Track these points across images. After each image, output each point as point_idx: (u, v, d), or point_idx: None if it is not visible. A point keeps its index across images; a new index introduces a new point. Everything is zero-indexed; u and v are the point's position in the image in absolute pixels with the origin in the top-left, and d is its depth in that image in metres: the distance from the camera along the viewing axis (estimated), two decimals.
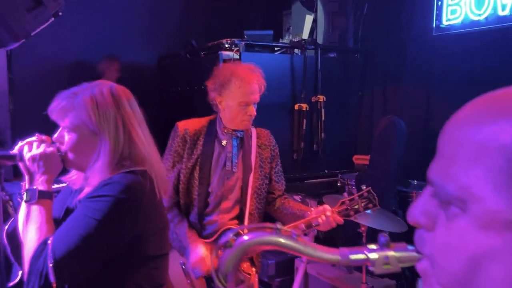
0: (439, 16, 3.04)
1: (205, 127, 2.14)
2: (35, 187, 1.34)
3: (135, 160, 1.36)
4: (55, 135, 1.42)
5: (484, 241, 0.46)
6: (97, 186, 1.30)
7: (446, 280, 0.50)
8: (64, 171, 1.52)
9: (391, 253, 0.61)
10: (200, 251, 2.02)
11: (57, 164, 1.39)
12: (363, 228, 2.48)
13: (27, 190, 1.34)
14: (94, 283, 1.33)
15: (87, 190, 1.34)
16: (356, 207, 2.00)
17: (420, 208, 0.53)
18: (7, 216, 3.02)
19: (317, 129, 3.52)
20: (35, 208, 1.32)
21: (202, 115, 2.38)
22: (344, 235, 3.35)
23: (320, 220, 1.97)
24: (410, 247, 0.60)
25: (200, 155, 2.10)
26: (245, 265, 2.14)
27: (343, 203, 2.02)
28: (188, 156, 2.09)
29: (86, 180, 1.37)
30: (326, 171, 3.66)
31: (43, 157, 1.35)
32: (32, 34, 3.06)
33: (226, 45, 3.31)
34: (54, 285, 1.20)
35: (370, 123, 3.74)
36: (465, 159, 0.47)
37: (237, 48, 3.26)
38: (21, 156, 1.36)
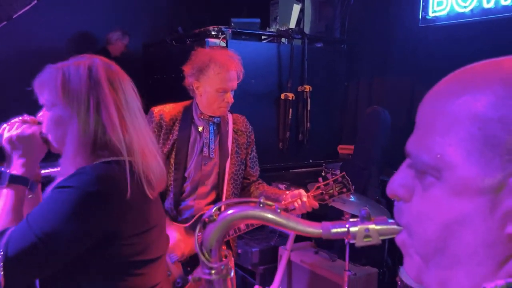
0: (425, 8, 3.06)
1: (181, 112, 2.12)
2: (8, 171, 1.23)
3: (115, 150, 1.19)
4: (40, 114, 1.29)
5: (457, 207, 0.48)
6: (68, 175, 1.15)
7: (422, 248, 0.52)
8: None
9: (371, 226, 0.62)
10: (174, 234, 2.02)
11: (38, 147, 1.27)
12: (346, 216, 2.50)
13: (1, 173, 1.23)
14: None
15: (58, 179, 1.20)
16: (330, 191, 2.04)
17: (398, 180, 0.55)
18: None
19: (302, 119, 3.53)
20: (3, 192, 1.22)
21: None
22: None
23: (296, 204, 2.00)
24: (390, 220, 0.61)
25: (176, 140, 2.09)
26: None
27: (318, 187, 2.06)
28: (163, 142, 2.07)
29: (60, 168, 1.22)
30: (310, 161, 3.68)
31: (20, 138, 1.25)
32: (14, 16, 2.99)
33: (213, 33, 3.28)
34: (2, 279, 1.07)
35: (355, 114, 3.76)
36: (439, 129, 0.49)
37: (224, 35, 3.24)
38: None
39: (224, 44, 3.20)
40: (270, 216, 0.70)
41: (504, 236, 0.46)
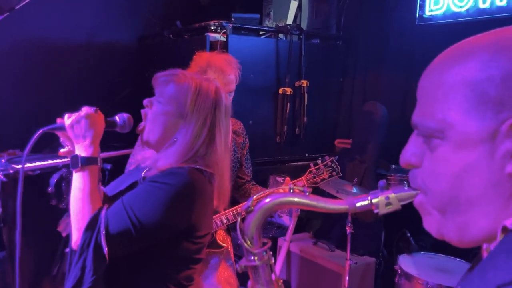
0: (422, 7, 3.15)
1: None
2: (78, 154, 1.34)
3: (208, 162, 1.38)
4: (146, 100, 1.44)
5: (462, 158, 0.56)
6: (164, 171, 1.32)
7: (438, 201, 0.60)
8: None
9: (391, 194, 0.70)
10: None
11: (101, 127, 1.39)
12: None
13: (71, 158, 1.35)
14: (132, 270, 1.37)
15: (153, 172, 1.37)
16: (321, 175, 2.30)
17: (409, 150, 0.64)
18: None
19: (299, 113, 3.60)
20: (79, 175, 1.33)
21: None
22: (328, 215, 3.46)
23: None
24: (406, 187, 0.68)
25: None
26: (221, 236, 2.24)
27: (310, 171, 2.31)
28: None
29: (156, 162, 1.39)
30: (307, 154, 3.75)
31: (83, 117, 1.35)
32: (16, 8, 2.98)
33: (213, 27, 3.31)
34: (106, 253, 1.23)
35: (350, 109, 3.85)
36: (439, 98, 0.59)
37: (224, 30, 3.27)
38: (62, 125, 1.37)
39: (224, 39, 3.23)
40: (301, 199, 0.78)
41: (505, 175, 0.54)
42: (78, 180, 1.33)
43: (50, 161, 2.91)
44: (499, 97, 0.54)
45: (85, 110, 1.38)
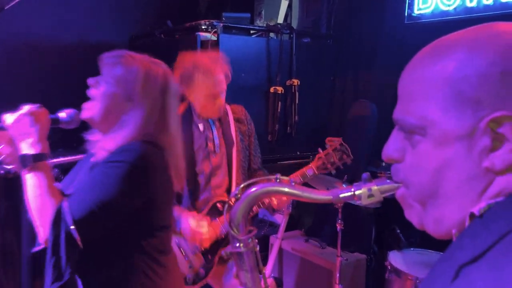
0: (411, 5, 3.19)
1: (180, 116, 2.19)
2: (26, 153, 1.33)
3: (161, 143, 1.41)
4: (91, 79, 1.43)
5: (442, 154, 0.59)
6: (115, 151, 1.34)
7: (419, 194, 0.63)
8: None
9: (373, 186, 0.72)
10: (192, 224, 2.08)
11: (44, 122, 1.39)
12: (339, 204, 2.62)
13: (20, 158, 1.33)
14: (103, 251, 1.40)
15: (103, 154, 1.38)
16: (332, 160, 2.19)
17: (391, 146, 0.66)
18: None
19: (291, 112, 3.62)
20: (33, 173, 1.32)
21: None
22: (319, 213, 3.49)
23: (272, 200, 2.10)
24: (388, 180, 0.71)
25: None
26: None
27: (320, 158, 2.20)
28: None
29: (104, 144, 1.40)
30: (298, 153, 3.77)
31: (26, 115, 1.35)
32: (6, 8, 2.97)
33: (203, 27, 3.32)
34: (79, 242, 1.25)
35: (342, 107, 3.87)
36: (419, 95, 0.61)
37: (215, 29, 3.29)
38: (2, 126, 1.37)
39: (215, 38, 3.25)
40: (287, 189, 0.80)
41: (482, 169, 0.57)
42: (32, 178, 1.31)
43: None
44: (476, 95, 0.56)
45: (26, 107, 1.38)
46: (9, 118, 1.37)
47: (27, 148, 1.34)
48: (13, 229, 2.92)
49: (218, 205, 2.19)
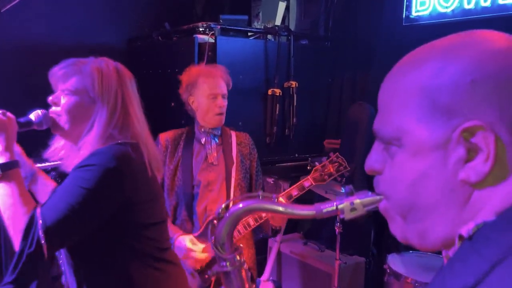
0: (409, 7, 3.18)
1: (184, 133, 2.34)
2: None
3: (127, 135, 1.43)
4: (51, 97, 1.45)
5: (418, 166, 0.57)
6: (87, 156, 1.35)
7: (399, 207, 0.62)
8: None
9: (356, 200, 0.72)
10: (186, 245, 2.11)
11: (11, 129, 1.38)
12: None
13: None
14: (89, 253, 1.39)
15: (76, 161, 1.38)
16: (328, 171, 2.27)
17: (373, 157, 0.65)
18: None
19: (289, 114, 3.61)
20: (4, 183, 1.31)
21: (173, 99, 2.47)
22: None
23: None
24: (370, 193, 0.70)
25: (181, 157, 2.24)
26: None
27: (316, 170, 2.27)
28: (170, 160, 2.23)
29: (79, 151, 1.41)
30: (296, 155, 3.77)
31: None
32: (2, 11, 2.96)
33: (201, 29, 3.32)
34: (45, 247, 1.22)
35: (339, 109, 3.86)
36: (395, 105, 0.60)
37: (213, 32, 3.28)
38: None
39: (212, 41, 3.24)
40: (269, 206, 0.80)
41: (458, 182, 0.55)
42: (3, 188, 1.30)
43: (38, 165, 2.88)
44: (449, 104, 0.55)
45: None
46: None
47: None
48: None
49: (215, 221, 2.20)
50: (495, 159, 0.53)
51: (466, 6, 2.87)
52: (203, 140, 2.27)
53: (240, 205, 0.82)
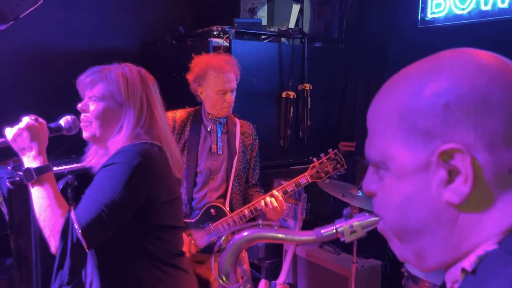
0: (424, 9, 3.16)
1: (191, 115, 2.32)
2: (29, 166, 1.38)
3: (153, 136, 1.48)
4: (79, 104, 1.50)
5: (402, 189, 0.58)
6: (112, 154, 1.41)
7: (392, 229, 0.62)
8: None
9: (354, 222, 0.73)
10: None
11: (43, 134, 1.44)
12: (354, 210, 2.60)
13: (23, 172, 1.38)
14: (115, 256, 1.44)
15: (103, 160, 1.46)
16: (326, 169, 2.25)
17: (368, 180, 0.65)
18: None
19: (303, 117, 3.61)
20: (39, 186, 1.37)
21: (188, 102, 2.50)
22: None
23: (262, 203, 2.17)
24: (368, 214, 0.72)
25: (187, 139, 2.27)
26: None
27: (313, 167, 2.27)
28: (176, 142, 2.20)
29: (107, 151, 1.47)
30: (311, 157, 3.74)
31: (30, 127, 1.41)
32: (21, 16, 3.00)
33: (215, 32, 3.33)
34: (86, 247, 1.29)
35: (353, 112, 3.85)
36: (378, 129, 0.60)
37: (227, 35, 3.29)
38: (5, 141, 1.42)
39: (227, 44, 3.25)
40: (269, 234, 0.82)
41: (443, 204, 0.55)
42: (39, 191, 1.37)
43: (55, 168, 2.92)
44: (426, 127, 0.55)
45: (24, 121, 1.43)
46: (9, 132, 1.42)
47: (29, 162, 1.39)
48: (27, 235, 2.94)
49: (212, 210, 2.27)
50: (474, 180, 0.53)
51: (483, 8, 2.85)
52: (209, 127, 2.32)
53: (239, 237, 0.84)
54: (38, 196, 1.36)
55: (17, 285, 2.98)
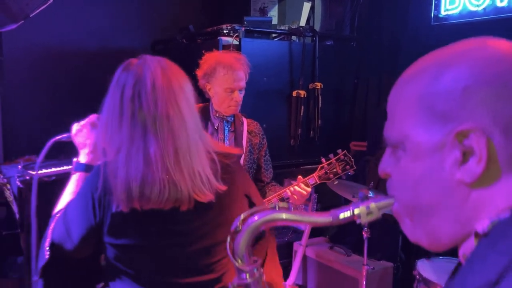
0: (437, 6, 3.10)
1: (199, 111, 2.26)
2: (80, 161, 1.45)
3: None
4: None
5: (418, 168, 0.61)
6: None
7: (405, 209, 0.65)
8: None
9: (371, 204, 0.73)
10: None
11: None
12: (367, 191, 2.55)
13: (75, 163, 1.45)
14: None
15: None
16: (334, 170, 2.21)
17: (384, 162, 0.68)
18: (4, 199, 2.99)
19: (313, 116, 3.57)
20: (75, 180, 1.43)
21: (199, 101, 2.47)
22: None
23: (288, 191, 2.17)
24: (384, 196, 0.72)
25: None
26: None
27: (322, 167, 2.24)
28: None
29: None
30: (321, 157, 3.71)
31: (85, 126, 1.46)
32: (31, 15, 3.00)
33: (225, 31, 3.30)
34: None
35: (365, 111, 3.80)
36: (399, 112, 0.64)
37: (237, 34, 3.26)
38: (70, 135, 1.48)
39: (237, 43, 3.23)
40: (285, 215, 0.81)
41: (455, 183, 0.58)
42: (74, 184, 1.41)
43: (65, 167, 2.92)
44: (444, 110, 0.58)
45: (89, 118, 1.46)
46: (74, 127, 1.47)
47: (82, 157, 1.45)
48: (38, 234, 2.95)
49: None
50: (488, 160, 0.56)
51: (499, 4, 2.77)
52: (216, 125, 2.31)
53: (257, 217, 0.83)
54: (73, 183, 1.41)
55: (27, 284, 2.99)
